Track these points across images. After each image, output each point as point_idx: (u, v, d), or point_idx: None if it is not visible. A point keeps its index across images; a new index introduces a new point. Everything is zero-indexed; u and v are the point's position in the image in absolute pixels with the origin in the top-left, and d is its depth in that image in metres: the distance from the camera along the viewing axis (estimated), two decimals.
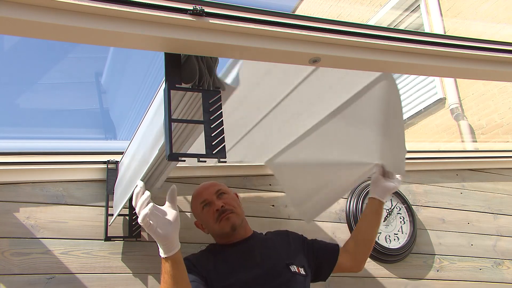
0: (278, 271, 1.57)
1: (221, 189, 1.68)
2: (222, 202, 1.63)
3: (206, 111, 1.17)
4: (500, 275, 2.58)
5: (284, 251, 1.68)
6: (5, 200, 1.73)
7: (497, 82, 4.21)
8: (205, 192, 1.67)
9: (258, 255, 1.62)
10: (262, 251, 1.64)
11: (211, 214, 1.63)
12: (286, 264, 1.60)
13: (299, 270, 1.61)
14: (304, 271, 1.63)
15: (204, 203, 1.65)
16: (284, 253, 1.67)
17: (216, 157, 1.14)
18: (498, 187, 2.87)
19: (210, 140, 1.14)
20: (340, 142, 1.93)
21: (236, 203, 1.69)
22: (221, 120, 1.17)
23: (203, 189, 1.70)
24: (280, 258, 1.63)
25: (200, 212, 1.67)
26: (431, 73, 1.48)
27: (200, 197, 1.67)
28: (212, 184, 1.71)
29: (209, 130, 1.15)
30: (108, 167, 1.90)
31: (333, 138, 1.91)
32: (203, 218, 1.67)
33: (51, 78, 4.02)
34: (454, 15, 5.15)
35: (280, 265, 1.60)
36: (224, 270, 1.55)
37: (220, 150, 1.14)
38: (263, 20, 1.10)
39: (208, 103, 1.18)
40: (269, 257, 1.62)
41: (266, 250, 1.65)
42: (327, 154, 1.99)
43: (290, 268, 1.59)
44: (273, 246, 1.69)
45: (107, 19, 0.97)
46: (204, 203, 1.65)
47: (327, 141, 1.94)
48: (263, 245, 1.68)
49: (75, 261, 1.73)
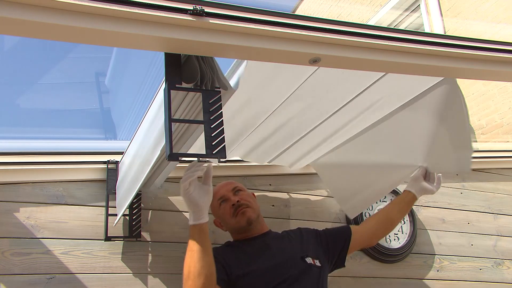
0: (294, 262, 1.62)
1: (237, 187, 1.75)
2: (238, 198, 1.70)
3: (206, 111, 1.17)
4: (500, 275, 2.58)
5: (298, 245, 1.73)
6: (5, 200, 1.73)
7: (497, 82, 4.20)
8: (222, 190, 1.74)
9: (274, 248, 1.66)
10: (278, 245, 1.69)
11: (228, 210, 1.69)
12: (301, 257, 1.65)
13: (314, 262, 1.66)
14: (320, 263, 1.67)
15: (221, 199, 1.71)
16: (298, 247, 1.72)
17: (216, 157, 1.14)
18: (498, 187, 2.87)
19: (210, 140, 1.14)
20: (388, 145, 2.00)
21: (252, 199, 1.75)
22: (221, 120, 1.17)
23: (220, 187, 1.76)
24: (296, 252, 1.68)
25: (217, 208, 1.72)
26: (431, 73, 1.47)
27: (217, 195, 1.72)
28: (228, 183, 1.78)
29: (209, 130, 1.15)
30: (108, 167, 1.90)
31: (382, 141, 1.98)
32: (221, 215, 1.72)
33: (51, 78, 4.02)
34: (454, 15, 5.14)
35: (296, 257, 1.65)
36: (243, 260, 1.59)
37: (220, 150, 1.14)
38: (263, 20, 1.10)
39: (208, 103, 1.18)
40: (285, 250, 1.67)
41: (281, 245, 1.70)
42: (373, 156, 2.06)
43: (305, 260, 1.64)
44: (288, 241, 1.74)
45: (107, 19, 0.97)
46: (222, 200, 1.71)
47: (374, 144, 2.01)
48: (279, 241, 1.72)
49: (75, 261, 1.73)
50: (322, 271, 1.66)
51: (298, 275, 1.58)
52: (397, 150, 1.99)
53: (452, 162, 1.85)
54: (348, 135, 2.02)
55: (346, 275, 2.15)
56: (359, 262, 2.26)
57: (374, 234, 1.89)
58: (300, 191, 2.30)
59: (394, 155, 2.00)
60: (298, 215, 2.22)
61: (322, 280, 1.64)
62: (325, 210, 2.31)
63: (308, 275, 1.60)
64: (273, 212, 2.19)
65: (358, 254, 2.28)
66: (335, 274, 1.83)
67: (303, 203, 2.29)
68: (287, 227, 1.97)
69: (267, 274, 1.56)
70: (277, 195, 2.23)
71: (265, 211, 2.16)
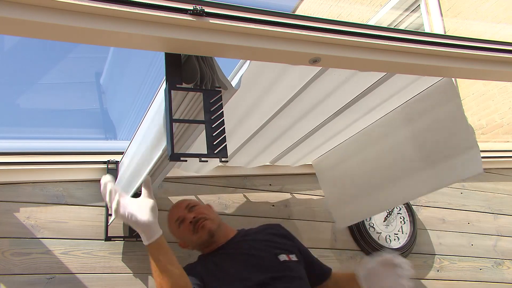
0: (270, 263, 1.59)
1: (190, 203, 1.73)
2: (193, 214, 1.68)
3: (207, 111, 1.17)
4: (501, 275, 2.58)
5: (272, 243, 1.69)
6: (5, 200, 1.73)
7: (497, 82, 4.20)
8: (176, 211, 1.72)
9: (244, 253, 1.63)
10: (248, 248, 1.65)
11: (187, 228, 1.67)
12: (275, 254, 1.62)
13: (290, 257, 1.63)
14: (296, 257, 1.65)
15: (178, 221, 1.69)
16: (272, 245, 1.68)
17: (217, 156, 1.14)
18: (499, 187, 2.87)
19: (211, 140, 1.14)
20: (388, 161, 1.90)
21: (208, 210, 1.73)
22: (222, 119, 1.17)
23: (173, 209, 1.75)
24: (269, 251, 1.64)
25: (177, 231, 1.71)
26: (431, 73, 1.47)
27: (173, 217, 1.71)
28: (181, 202, 1.76)
29: (210, 130, 1.15)
30: (108, 167, 1.91)
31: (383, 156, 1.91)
32: (182, 236, 1.71)
33: (51, 78, 4.02)
34: (454, 15, 5.14)
35: (270, 257, 1.62)
36: (215, 272, 1.57)
37: (221, 149, 1.14)
38: (263, 20, 1.10)
39: (209, 103, 1.17)
40: (257, 251, 1.64)
41: (253, 247, 1.66)
42: (375, 167, 1.97)
43: (278, 258, 1.61)
44: (260, 240, 1.71)
45: (107, 19, 0.97)
46: (179, 221, 1.69)
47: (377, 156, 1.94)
48: (249, 243, 1.69)
49: (75, 261, 1.73)
50: (300, 266, 1.64)
51: (276, 275, 1.55)
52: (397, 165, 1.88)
53: (462, 166, 1.71)
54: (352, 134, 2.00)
55: None
56: (359, 262, 2.26)
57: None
58: (300, 191, 2.30)
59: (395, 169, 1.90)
60: (298, 215, 2.22)
61: (300, 274, 1.62)
62: (325, 210, 2.31)
63: (285, 273, 1.57)
64: (273, 212, 2.19)
65: (358, 254, 2.28)
66: None
67: (303, 203, 2.28)
68: (287, 227, 1.96)
69: (243, 281, 1.53)
70: (277, 195, 2.23)
71: (265, 211, 2.16)
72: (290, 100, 1.65)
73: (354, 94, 1.69)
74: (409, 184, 1.85)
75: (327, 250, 2.21)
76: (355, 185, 2.07)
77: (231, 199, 2.12)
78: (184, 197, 1.99)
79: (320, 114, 1.79)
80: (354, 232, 2.31)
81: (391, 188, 1.92)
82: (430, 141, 1.77)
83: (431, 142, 1.77)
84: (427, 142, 1.78)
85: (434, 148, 1.76)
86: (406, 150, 1.85)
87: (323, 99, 1.68)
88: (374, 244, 2.30)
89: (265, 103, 1.64)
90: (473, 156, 1.64)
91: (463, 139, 1.67)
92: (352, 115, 1.82)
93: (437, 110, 1.71)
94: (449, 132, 1.71)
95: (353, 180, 2.07)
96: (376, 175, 1.97)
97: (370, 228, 2.35)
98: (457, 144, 1.69)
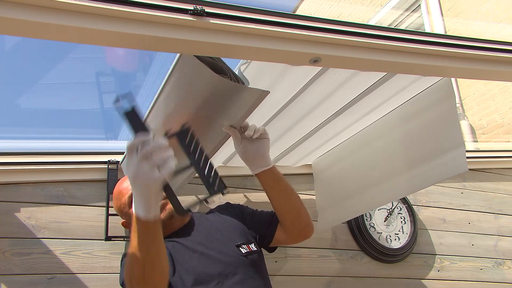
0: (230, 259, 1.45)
1: None
2: None
3: (188, 153, 1.18)
4: (501, 275, 2.58)
5: (229, 233, 1.55)
6: (6, 200, 1.74)
7: (498, 82, 4.20)
8: (126, 183, 1.52)
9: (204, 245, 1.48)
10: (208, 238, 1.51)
11: None
12: (236, 246, 1.49)
13: (250, 248, 1.51)
14: (255, 246, 1.53)
15: (131, 197, 1.46)
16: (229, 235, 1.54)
17: (219, 192, 1.16)
18: (499, 187, 2.86)
19: (206, 179, 1.15)
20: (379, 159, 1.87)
21: None
22: (204, 154, 1.18)
23: (123, 182, 1.54)
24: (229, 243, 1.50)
25: (129, 208, 1.48)
26: (431, 73, 1.47)
27: (126, 192, 1.50)
28: (125, 178, 1.58)
29: (200, 170, 1.16)
30: (109, 167, 1.91)
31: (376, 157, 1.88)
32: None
33: (52, 78, 4.02)
34: (454, 15, 5.14)
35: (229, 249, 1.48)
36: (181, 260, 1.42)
37: (219, 184, 1.16)
38: (263, 20, 1.09)
39: (185, 144, 1.18)
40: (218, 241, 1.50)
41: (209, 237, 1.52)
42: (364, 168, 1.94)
43: (241, 249, 1.49)
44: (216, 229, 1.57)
45: (107, 19, 0.97)
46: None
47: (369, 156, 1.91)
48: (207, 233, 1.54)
49: (75, 261, 1.73)
50: (260, 255, 1.53)
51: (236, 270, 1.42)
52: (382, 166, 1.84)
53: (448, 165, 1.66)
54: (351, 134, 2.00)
55: (346, 275, 2.14)
56: (359, 262, 2.26)
57: (286, 227, 1.60)
58: (301, 191, 2.29)
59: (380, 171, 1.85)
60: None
61: (261, 265, 1.51)
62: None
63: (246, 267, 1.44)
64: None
65: (359, 254, 2.28)
66: (335, 274, 1.82)
67: (303, 202, 2.28)
68: None
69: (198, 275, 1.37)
70: None
71: None
72: (291, 100, 1.65)
73: (355, 94, 1.69)
74: (392, 186, 1.81)
75: (327, 250, 2.21)
76: (342, 187, 2.03)
77: (231, 199, 2.12)
78: (184, 198, 1.99)
79: (320, 114, 1.79)
80: (355, 232, 2.31)
81: (373, 190, 1.87)
82: (418, 142, 1.74)
83: (419, 142, 1.74)
84: (415, 142, 1.75)
85: (421, 149, 1.72)
86: (394, 151, 1.81)
87: (324, 99, 1.68)
88: (375, 244, 2.30)
89: (265, 103, 1.64)
90: (458, 155, 1.59)
91: (451, 139, 1.64)
92: (352, 115, 1.82)
93: (431, 111, 1.69)
94: (439, 132, 1.68)
95: (341, 182, 2.05)
96: (362, 177, 1.93)
97: (370, 228, 2.35)
98: (444, 144, 1.65)
